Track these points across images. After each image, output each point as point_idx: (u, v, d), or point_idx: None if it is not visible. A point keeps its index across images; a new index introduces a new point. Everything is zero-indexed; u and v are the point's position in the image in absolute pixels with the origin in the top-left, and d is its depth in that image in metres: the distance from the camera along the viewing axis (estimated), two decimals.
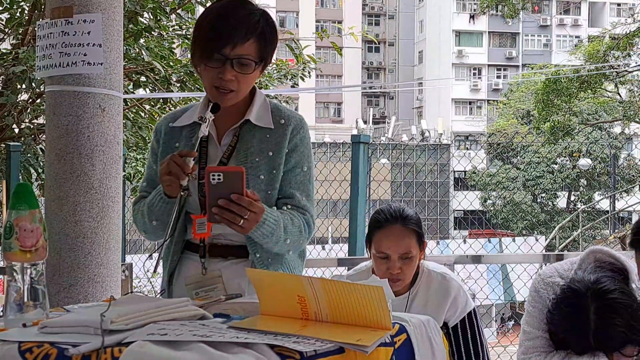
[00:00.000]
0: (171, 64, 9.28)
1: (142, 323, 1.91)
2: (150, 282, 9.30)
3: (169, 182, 2.56)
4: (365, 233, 6.39)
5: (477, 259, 5.70)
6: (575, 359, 2.78)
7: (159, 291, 2.89)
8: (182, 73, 9.26)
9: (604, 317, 2.69)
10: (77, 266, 3.68)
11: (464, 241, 15.13)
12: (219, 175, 2.43)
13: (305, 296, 2.03)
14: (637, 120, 23.93)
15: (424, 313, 3.13)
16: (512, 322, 19.73)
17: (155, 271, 2.66)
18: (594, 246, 3.01)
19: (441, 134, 42.21)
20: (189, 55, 2.86)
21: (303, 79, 12.17)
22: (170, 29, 9.48)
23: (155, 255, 2.61)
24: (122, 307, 1.97)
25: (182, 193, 2.58)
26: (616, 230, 20.85)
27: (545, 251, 17.37)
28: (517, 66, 49.22)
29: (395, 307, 3.12)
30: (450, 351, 3.19)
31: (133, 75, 9.28)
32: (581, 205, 31.89)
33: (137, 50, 8.86)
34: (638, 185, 29.71)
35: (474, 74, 51.57)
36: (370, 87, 57.97)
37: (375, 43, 57.27)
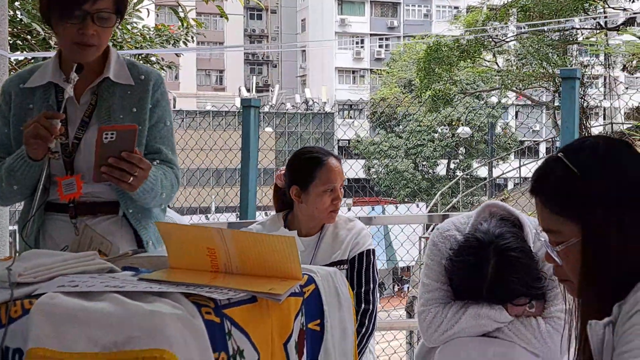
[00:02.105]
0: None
1: (50, 276, 1.88)
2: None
3: (36, 145, 2.52)
4: (255, 197, 6.41)
5: (367, 221, 5.77)
6: (472, 308, 2.87)
7: None
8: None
9: (501, 272, 2.78)
10: None
11: (349, 209, 15.31)
12: (112, 133, 2.41)
13: (215, 248, 2.03)
14: (514, 89, 24.61)
15: (331, 249, 3.31)
16: (396, 288, 20.18)
17: (26, 235, 2.63)
18: (489, 201, 3.11)
19: (325, 102, 42.40)
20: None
21: (186, 44, 12.03)
22: None
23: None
24: (28, 262, 1.93)
25: (51, 155, 2.54)
26: (493, 196, 21.53)
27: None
28: (399, 36, 49.78)
29: (307, 245, 3.32)
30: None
31: (9, 38, 8.99)
32: (460, 173, 32.65)
33: (12, 12, 8.58)
34: (513, 153, 30.66)
35: (357, 43, 51.92)
36: (254, 55, 57.66)
37: (258, 10, 56.93)
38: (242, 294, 1.88)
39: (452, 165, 37.13)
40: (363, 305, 3.36)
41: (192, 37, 11.76)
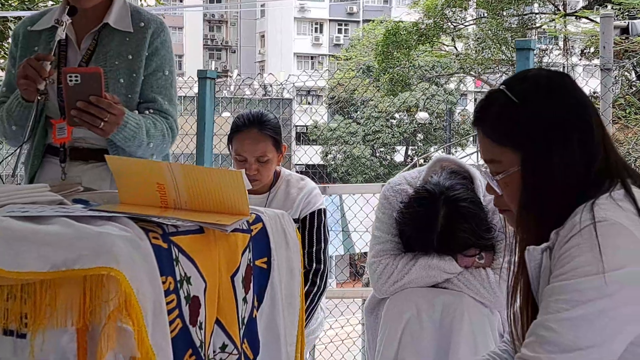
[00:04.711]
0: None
1: (1, 204, 1.89)
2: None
3: (26, 85, 2.55)
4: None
5: (322, 190, 5.78)
6: (423, 259, 2.92)
7: None
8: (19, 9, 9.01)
9: (451, 222, 2.84)
10: None
11: None
12: (76, 76, 2.42)
13: (164, 184, 2.05)
14: (473, 73, 24.78)
15: (283, 208, 3.32)
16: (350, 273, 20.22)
17: (13, 175, 2.63)
18: (440, 155, 3.18)
19: (284, 88, 42.16)
20: None
21: None
22: None
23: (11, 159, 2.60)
24: None
25: (39, 97, 2.56)
26: None
27: None
28: (358, 21, 49.72)
29: (255, 204, 3.31)
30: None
31: None
32: (417, 159, 32.73)
33: None
34: (472, 139, 30.86)
35: (316, 28, 51.81)
36: (213, 40, 57.28)
37: None
38: (190, 224, 1.92)
39: (410, 152, 37.21)
40: (314, 265, 3.40)
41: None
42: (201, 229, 1.95)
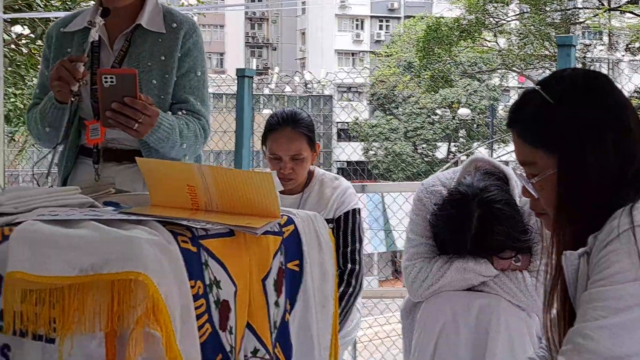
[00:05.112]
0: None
1: (31, 207, 1.89)
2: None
3: (59, 87, 2.55)
4: (250, 165, 6.42)
5: (361, 189, 5.76)
6: (458, 262, 2.87)
7: None
8: (61, 9, 9.09)
9: (486, 224, 2.78)
10: None
11: None
12: (111, 77, 2.41)
13: (195, 186, 2.04)
14: (515, 69, 24.56)
15: (317, 208, 3.30)
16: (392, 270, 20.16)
17: (47, 176, 2.63)
18: (474, 155, 3.12)
19: (324, 85, 42.12)
20: None
21: None
22: None
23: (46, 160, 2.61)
24: (10, 193, 1.94)
25: (72, 99, 2.56)
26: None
27: None
28: (399, 18, 49.50)
29: (289, 205, 3.27)
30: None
31: (9, 12, 9.02)
32: (459, 155, 32.53)
33: None
34: None
35: (357, 25, 51.69)
36: (254, 38, 57.46)
37: None
38: (220, 227, 1.90)
39: (452, 149, 36.98)
40: (349, 265, 3.36)
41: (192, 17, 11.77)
42: (231, 231, 1.93)
